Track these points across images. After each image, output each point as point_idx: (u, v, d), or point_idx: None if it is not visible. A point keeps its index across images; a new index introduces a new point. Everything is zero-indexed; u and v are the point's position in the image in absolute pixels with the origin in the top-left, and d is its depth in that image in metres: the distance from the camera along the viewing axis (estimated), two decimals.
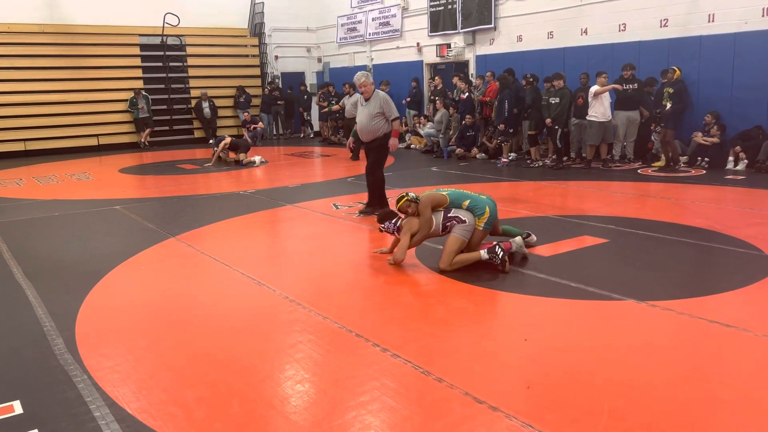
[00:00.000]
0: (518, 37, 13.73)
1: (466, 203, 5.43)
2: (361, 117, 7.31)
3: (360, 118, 7.34)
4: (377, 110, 7.21)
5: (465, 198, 5.48)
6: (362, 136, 7.44)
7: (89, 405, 3.21)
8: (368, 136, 7.35)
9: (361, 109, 7.35)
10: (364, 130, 7.34)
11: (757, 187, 8.56)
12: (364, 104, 7.31)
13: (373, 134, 7.31)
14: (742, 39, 10.12)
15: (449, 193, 5.51)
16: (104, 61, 16.83)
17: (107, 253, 6.20)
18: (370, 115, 7.21)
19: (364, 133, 7.37)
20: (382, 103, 7.24)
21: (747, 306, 4.32)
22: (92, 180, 11.72)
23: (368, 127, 7.27)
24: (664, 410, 2.97)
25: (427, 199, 5.37)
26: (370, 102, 7.26)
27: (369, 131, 7.29)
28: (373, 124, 7.24)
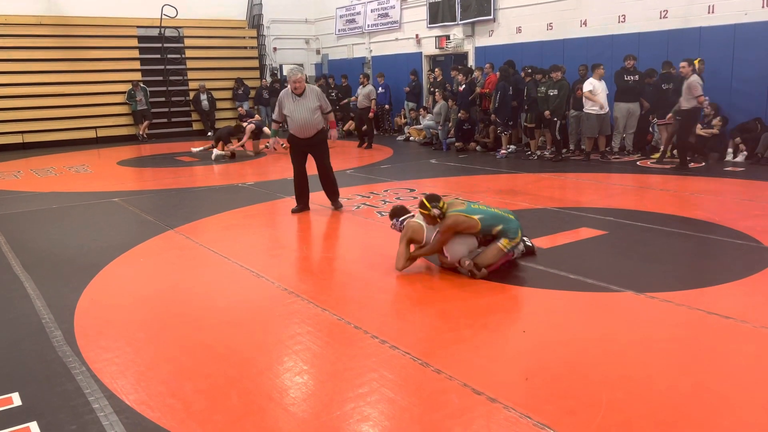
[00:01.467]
0: (517, 28, 13.68)
1: (498, 229, 4.86)
2: (302, 113, 7.11)
3: (299, 113, 7.11)
4: (316, 104, 7.14)
5: (497, 223, 4.88)
6: (304, 132, 7.22)
7: (88, 397, 3.21)
8: (311, 131, 7.21)
9: (296, 105, 7.11)
10: (307, 125, 7.15)
11: (757, 178, 8.56)
12: (298, 100, 7.10)
13: (315, 128, 7.22)
14: (741, 30, 10.09)
15: (481, 218, 4.84)
16: (102, 53, 16.76)
17: (106, 246, 6.19)
18: (310, 109, 7.10)
19: (307, 127, 7.18)
20: (318, 97, 7.19)
21: (745, 297, 4.32)
22: (91, 172, 11.70)
23: (312, 122, 7.15)
24: (663, 402, 2.97)
25: (454, 223, 4.77)
26: (306, 97, 7.11)
27: (312, 125, 7.18)
28: (315, 117, 7.16)
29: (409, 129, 15.24)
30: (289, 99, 7.17)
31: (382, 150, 13.49)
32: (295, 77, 7.05)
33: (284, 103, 7.21)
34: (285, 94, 7.24)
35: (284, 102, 7.21)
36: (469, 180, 9.42)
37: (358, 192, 8.63)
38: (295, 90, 7.09)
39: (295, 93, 7.10)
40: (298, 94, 7.09)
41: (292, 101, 7.13)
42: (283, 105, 7.23)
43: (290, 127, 7.28)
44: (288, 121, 7.25)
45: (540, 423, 2.80)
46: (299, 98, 7.10)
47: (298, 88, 7.07)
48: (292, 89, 7.11)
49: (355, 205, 7.73)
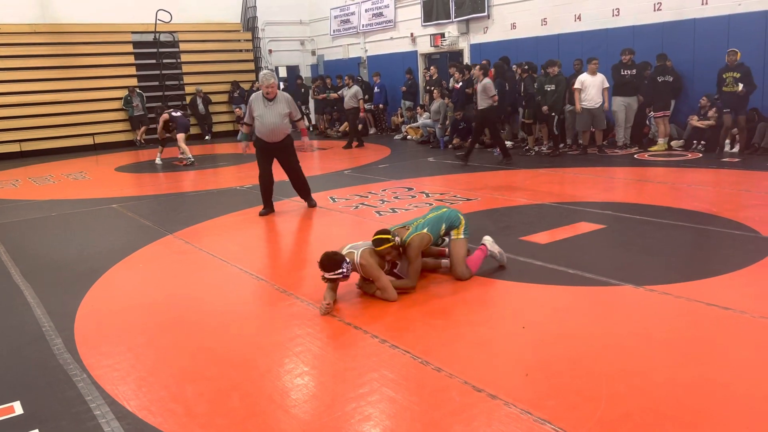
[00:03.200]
0: (512, 24, 13.69)
1: (443, 229, 4.80)
2: (271, 117, 7.17)
3: (269, 118, 7.17)
4: (286, 110, 7.21)
5: (440, 224, 4.80)
6: (272, 136, 7.27)
7: (89, 404, 3.22)
8: (279, 135, 7.28)
9: (267, 109, 7.17)
10: (276, 130, 7.22)
11: (753, 169, 8.56)
12: (269, 104, 7.17)
13: (284, 133, 7.30)
14: (736, 21, 10.09)
15: (429, 228, 4.71)
16: (98, 60, 16.76)
17: (105, 252, 6.20)
18: (280, 114, 7.17)
19: (276, 132, 7.24)
20: (289, 103, 7.27)
21: (744, 288, 4.32)
22: (89, 179, 11.70)
23: (280, 127, 7.22)
24: (663, 394, 2.98)
25: (418, 246, 4.61)
26: (277, 102, 7.18)
27: (281, 130, 7.25)
28: (284, 122, 7.24)
29: (407, 128, 15.25)
30: (259, 102, 7.22)
31: (379, 149, 13.50)
32: (268, 82, 7.10)
33: (255, 106, 7.25)
34: (256, 98, 7.29)
35: (255, 105, 7.25)
36: (468, 177, 9.42)
37: (356, 192, 8.63)
38: (267, 95, 7.15)
39: (266, 97, 7.17)
40: (269, 99, 7.16)
41: (263, 105, 7.19)
42: (253, 108, 7.26)
43: (258, 130, 7.29)
44: (257, 124, 7.26)
45: (541, 419, 2.81)
46: (270, 103, 7.17)
47: (271, 93, 7.13)
48: (264, 93, 7.16)
49: (354, 205, 7.74)
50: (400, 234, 4.69)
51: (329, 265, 4.31)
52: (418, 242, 4.61)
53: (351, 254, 4.47)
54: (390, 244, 4.52)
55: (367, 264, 4.41)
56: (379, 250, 4.51)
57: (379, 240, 4.53)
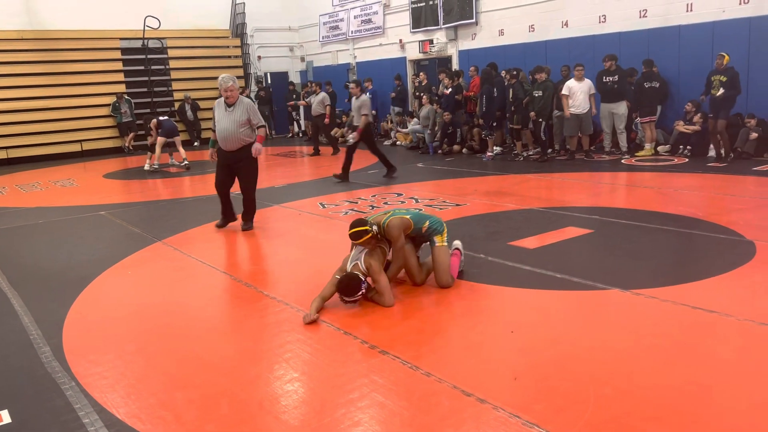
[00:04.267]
0: (500, 31, 13.78)
1: (426, 225, 4.75)
2: (227, 124, 6.77)
3: (225, 125, 6.78)
4: (245, 117, 6.78)
5: (424, 219, 4.78)
6: (226, 144, 6.85)
7: (78, 412, 3.20)
8: (235, 144, 6.83)
9: (224, 115, 6.80)
10: (230, 138, 6.80)
11: (738, 173, 8.66)
12: (228, 110, 6.78)
13: (240, 142, 6.84)
14: (720, 27, 10.23)
15: (411, 215, 4.74)
16: (85, 66, 16.71)
17: (93, 259, 6.17)
18: (238, 122, 6.75)
19: (230, 141, 6.82)
20: (248, 110, 6.84)
21: (729, 291, 4.38)
22: (76, 186, 11.64)
23: (236, 135, 6.79)
24: (649, 397, 3.01)
25: (398, 225, 4.57)
26: (235, 108, 6.77)
27: (237, 139, 6.81)
28: (241, 131, 6.79)
29: (396, 134, 15.29)
30: (219, 108, 6.89)
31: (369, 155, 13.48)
32: (227, 85, 6.73)
33: (215, 111, 6.94)
34: (218, 103, 6.94)
35: (215, 110, 6.95)
36: (457, 183, 9.47)
37: (346, 198, 8.65)
38: (227, 99, 6.79)
39: (226, 102, 6.81)
40: (229, 104, 6.80)
41: (223, 110, 6.84)
42: (214, 114, 6.97)
43: (216, 136, 6.95)
44: (215, 130, 6.95)
45: (529, 422, 2.83)
46: (229, 109, 6.79)
47: (230, 97, 6.76)
48: (225, 98, 6.82)
49: (343, 211, 7.75)
50: (377, 220, 4.65)
51: (350, 289, 4.34)
52: (398, 223, 4.58)
53: (356, 266, 4.50)
54: (369, 235, 4.47)
55: (371, 267, 4.44)
56: (360, 242, 4.49)
57: (357, 233, 4.48)
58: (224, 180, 7.12)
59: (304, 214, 7.83)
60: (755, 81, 9.93)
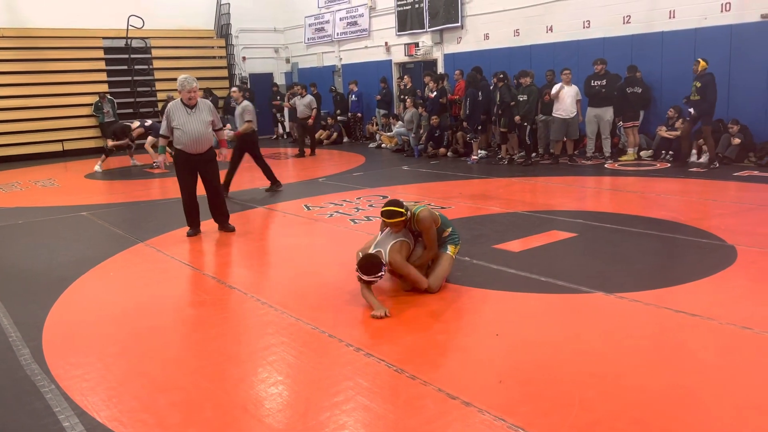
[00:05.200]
0: (485, 35, 13.85)
1: (448, 231, 4.84)
2: (196, 126, 6.61)
3: (194, 127, 6.60)
4: (209, 118, 6.72)
5: (448, 225, 4.86)
6: (197, 147, 6.68)
7: (58, 415, 3.15)
8: (204, 146, 6.73)
9: (189, 117, 6.60)
10: (201, 139, 6.66)
11: (719, 179, 8.77)
12: (191, 112, 6.62)
13: (209, 143, 6.79)
14: (702, 34, 10.35)
15: (440, 215, 4.82)
16: (67, 65, 16.52)
17: (74, 261, 6.09)
18: (204, 122, 6.66)
19: (201, 142, 6.67)
20: (211, 110, 6.81)
21: (711, 295, 4.42)
22: (57, 186, 11.49)
23: (206, 136, 6.71)
24: (633, 399, 3.03)
25: (430, 217, 4.60)
26: (199, 110, 6.66)
27: (206, 140, 6.73)
28: (209, 132, 6.73)
29: (381, 136, 15.30)
30: (180, 111, 6.63)
31: (354, 157, 13.51)
32: (190, 87, 6.57)
33: (174, 115, 6.64)
34: (175, 106, 6.69)
35: (174, 114, 6.64)
36: (442, 186, 9.48)
37: (331, 200, 8.62)
38: (188, 101, 6.61)
39: (187, 105, 6.63)
40: (190, 107, 6.64)
41: (185, 114, 6.62)
42: (172, 118, 6.64)
43: (180, 141, 6.67)
44: (178, 135, 6.65)
45: (514, 425, 2.83)
46: (192, 111, 6.64)
47: (193, 98, 6.61)
48: (185, 100, 6.62)
49: (328, 213, 7.73)
50: (408, 207, 4.64)
51: (369, 268, 4.34)
52: (429, 214, 4.60)
53: (379, 252, 4.52)
54: (402, 218, 4.49)
55: (395, 262, 4.48)
56: (391, 222, 4.51)
57: (391, 212, 4.48)
58: (194, 185, 6.94)
59: (288, 216, 7.80)
60: (736, 87, 10.07)
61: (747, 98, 9.99)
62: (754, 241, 5.56)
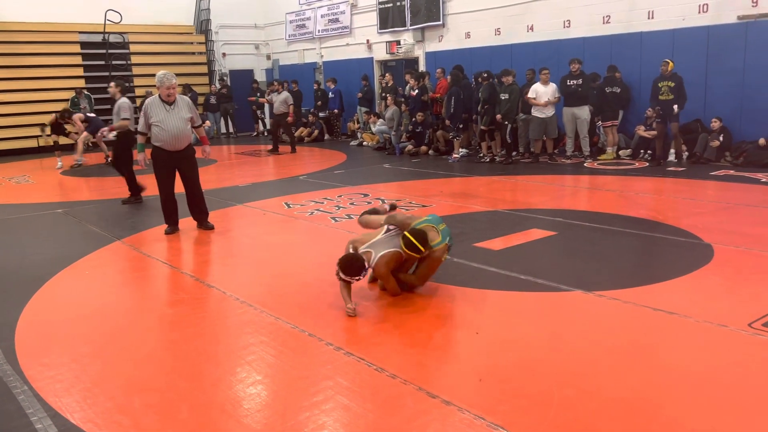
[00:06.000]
0: (466, 33, 13.87)
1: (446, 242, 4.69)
2: (175, 122, 6.52)
3: (174, 124, 6.51)
4: (188, 114, 6.65)
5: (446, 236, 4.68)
6: (177, 144, 6.61)
7: (30, 417, 3.09)
8: (184, 142, 6.67)
9: (168, 114, 6.51)
10: (181, 136, 6.60)
11: (696, 178, 8.88)
12: (170, 109, 6.53)
13: (188, 140, 6.74)
14: (680, 35, 10.47)
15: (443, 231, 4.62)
16: (43, 60, 16.21)
17: (49, 259, 5.98)
18: (184, 119, 6.58)
19: (180, 139, 6.61)
20: (190, 107, 6.73)
21: (688, 293, 4.47)
22: (32, 183, 11.30)
23: (185, 133, 6.64)
24: (612, 397, 3.04)
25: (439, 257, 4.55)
26: (178, 106, 6.57)
27: (186, 137, 6.67)
28: (188, 128, 6.67)
29: (362, 134, 15.26)
30: (158, 107, 6.53)
31: (335, 155, 13.46)
32: (170, 83, 6.48)
33: (152, 111, 6.53)
34: (153, 102, 6.59)
35: (152, 110, 6.54)
36: (423, 184, 9.48)
37: (312, 198, 8.57)
38: (168, 97, 6.52)
39: (166, 101, 6.54)
40: (169, 103, 6.54)
41: (164, 110, 6.52)
42: (149, 114, 6.54)
43: (158, 138, 6.56)
44: (156, 132, 6.54)
45: (494, 424, 2.83)
46: (170, 107, 6.54)
47: (172, 95, 6.52)
48: (164, 96, 6.52)
49: (309, 211, 7.68)
50: (432, 239, 4.47)
51: (349, 269, 4.27)
52: (440, 255, 4.53)
53: (368, 253, 4.46)
54: (419, 255, 4.41)
55: (379, 272, 4.48)
56: (406, 252, 4.40)
57: (412, 245, 4.34)
58: (172, 183, 6.84)
59: (268, 213, 7.74)
60: (712, 87, 10.20)
61: (723, 99, 10.12)
62: (730, 240, 5.63)
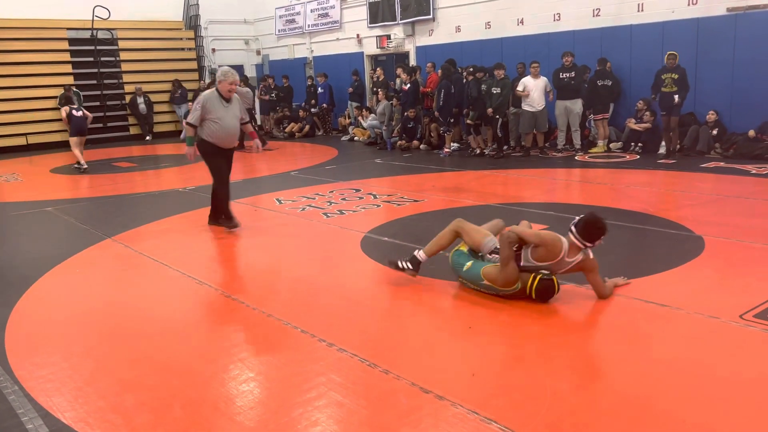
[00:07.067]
0: (457, 27, 13.85)
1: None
2: (231, 120, 6.43)
3: (230, 122, 6.41)
4: (240, 113, 6.58)
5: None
6: (229, 142, 6.55)
7: (21, 417, 3.06)
8: (235, 141, 6.64)
9: (225, 111, 6.37)
10: (235, 134, 6.56)
11: (687, 170, 8.92)
12: (226, 106, 6.38)
13: (237, 138, 6.70)
14: (669, 27, 10.50)
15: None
16: (31, 57, 16.06)
17: (39, 258, 5.93)
18: (237, 117, 6.50)
19: (234, 137, 6.58)
20: (241, 106, 6.65)
21: (679, 285, 4.49)
22: (21, 181, 11.21)
23: (237, 132, 6.58)
24: (604, 389, 3.05)
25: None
26: (233, 104, 6.46)
27: (237, 135, 6.63)
28: (239, 127, 6.60)
29: (354, 129, 15.22)
30: (217, 104, 6.36)
31: (327, 150, 13.43)
32: (234, 79, 6.38)
33: (212, 107, 6.33)
34: (212, 97, 6.37)
35: (212, 106, 6.33)
36: (415, 179, 9.47)
37: (303, 193, 8.55)
38: (228, 93, 6.39)
39: (224, 98, 6.40)
40: (227, 100, 6.41)
41: (222, 107, 6.37)
42: (209, 109, 6.31)
43: (215, 135, 6.38)
44: (214, 129, 6.36)
45: (487, 418, 2.83)
46: (228, 104, 6.42)
47: (233, 91, 6.42)
48: (224, 92, 6.38)
49: (300, 207, 7.66)
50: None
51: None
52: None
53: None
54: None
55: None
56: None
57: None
58: (229, 170, 6.76)
59: (259, 210, 7.71)
60: (702, 80, 10.23)
61: (713, 91, 10.17)
62: (721, 232, 5.66)
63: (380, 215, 7.14)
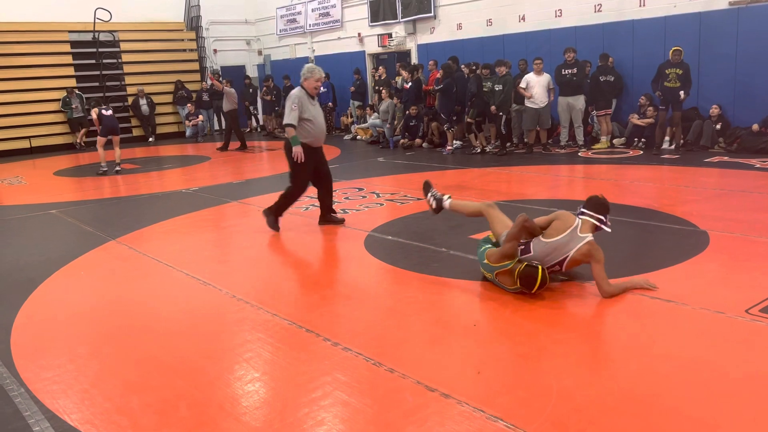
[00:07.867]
0: (458, 25, 13.83)
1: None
2: (322, 118, 6.32)
3: (321, 119, 6.31)
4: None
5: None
6: (321, 141, 6.42)
7: (27, 419, 3.07)
8: (324, 138, 6.53)
9: (316, 109, 6.24)
10: (325, 131, 6.45)
11: (691, 165, 8.89)
12: (314, 103, 6.21)
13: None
14: (671, 22, 10.46)
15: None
16: (33, 60, 16.10)
17: (44, 260, 5.95)
18: (323, 114, 6.44)
19: (324, 133, 6.46)
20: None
21: (685, 281, 4.47)
22: (25, 184, 11.23)
23: (325, 129, 6.51)
24: (610, 386, 3.04)
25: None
26: (317, 101, 6.35)
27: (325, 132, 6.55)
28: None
29: (356, 128, 15.22)
30: (305, 101, 6.11)
31: (329, 150, 13.36)
32: (320, 75, 6.16)
33: (305, 105, 6.09)
34: (301, 96, 6.12)
35: (304, 104, 6.09)
36: (418, 177, 9.44)
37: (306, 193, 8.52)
38: (314, 90, 6.17)
39: (311, 95, 6.19)
40: (313, 96, 6.20)
41: (312, 105, 6.16)
42: (303, 108, 6.08)
43: (310, 134, 6.16)
44: (309, 128, 6.14)
45: (493, 416, 2.83)
46: (314, 101, 6.22)
47: (319, 88, 6.23)
48: (311, 89, 6.14)
49: (303, 207, 7.66)
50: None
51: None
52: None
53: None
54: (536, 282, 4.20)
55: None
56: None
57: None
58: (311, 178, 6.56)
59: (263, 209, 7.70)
60: (705, 74, 10.20)
61: (716, 86, 10.14)
62: (726, 226, 5.64)
63: (383, 214, 7.14)
